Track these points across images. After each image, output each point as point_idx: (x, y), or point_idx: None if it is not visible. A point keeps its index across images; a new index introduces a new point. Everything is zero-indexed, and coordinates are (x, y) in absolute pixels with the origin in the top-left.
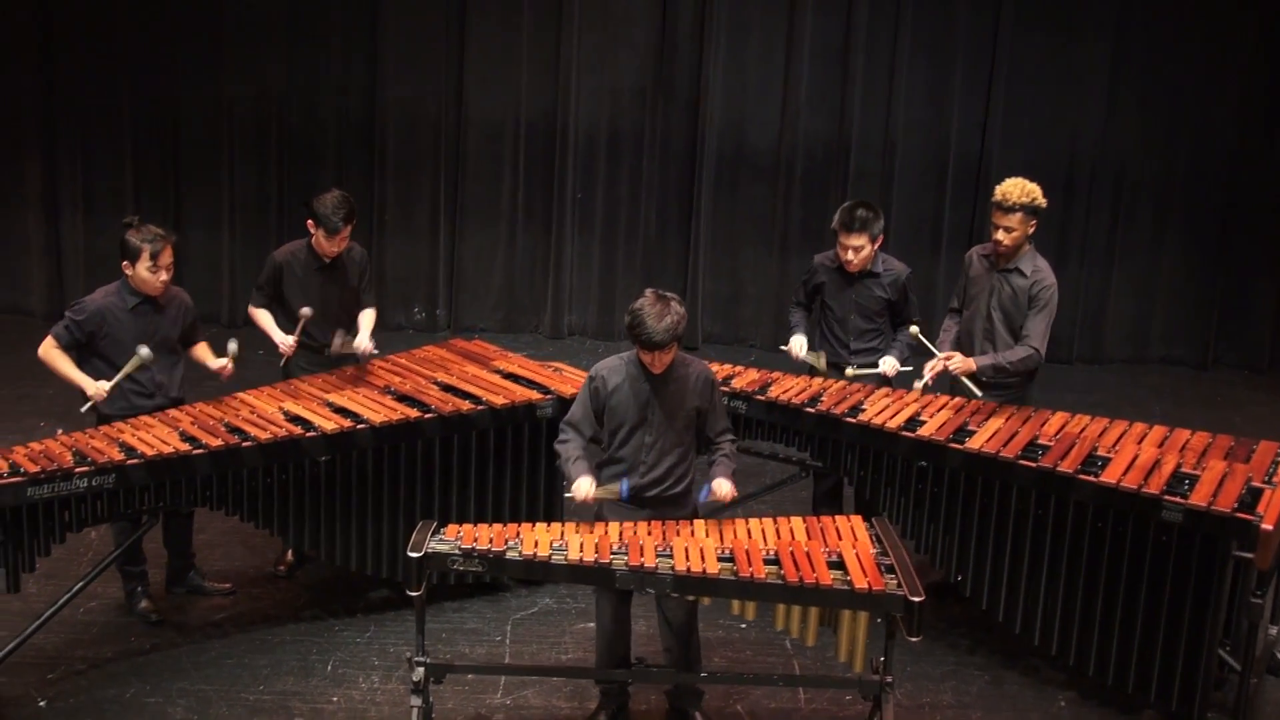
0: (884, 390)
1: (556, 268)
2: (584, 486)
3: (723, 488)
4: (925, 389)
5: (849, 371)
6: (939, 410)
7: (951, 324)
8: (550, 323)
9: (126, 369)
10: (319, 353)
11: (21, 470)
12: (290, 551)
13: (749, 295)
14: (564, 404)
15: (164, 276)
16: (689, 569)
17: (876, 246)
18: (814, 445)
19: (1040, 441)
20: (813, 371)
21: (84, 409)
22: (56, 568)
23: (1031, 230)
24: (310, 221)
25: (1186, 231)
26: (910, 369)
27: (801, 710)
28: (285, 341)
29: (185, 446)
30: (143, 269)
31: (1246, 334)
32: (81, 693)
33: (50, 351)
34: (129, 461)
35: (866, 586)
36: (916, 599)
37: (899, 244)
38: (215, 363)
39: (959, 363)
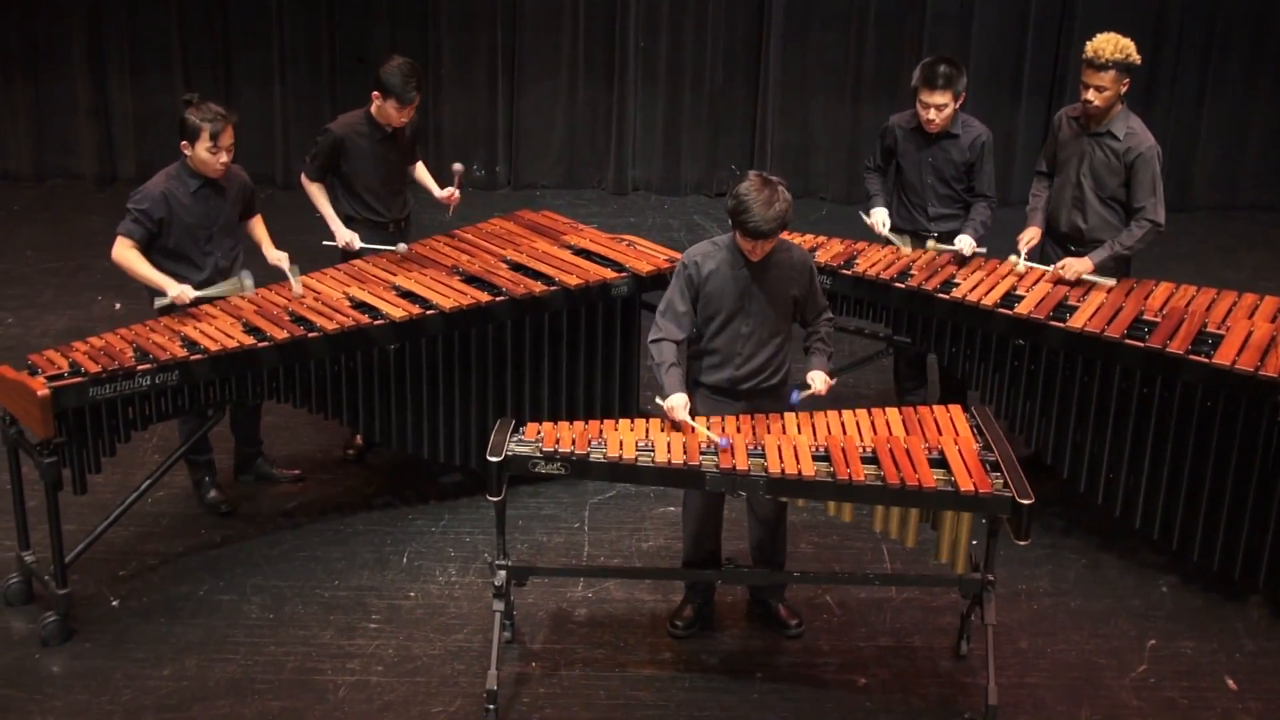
0: (977, 262)
1: (619, 121)
2: (678, 408)
3: (817, 380)
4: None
5: (928, 246)
6: (1035, 284)
7: (1041, 189)
8: (614, 178)
9: (221, 290)
10: (383, 228)
11: (82, 370)
12: (359, 435)
13: (820, 146)
14: (639, 281)
15: (224, 158)
16: (783, 470)
17: (958, 105)
18: (903, 321)
19: (1146, 318)
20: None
21: (157, 306)
22: (122, 456)
23: (1124, 89)
24: (376, 92)
25: None
26: (985, 250)
27: (893, 600)
28: (347, 238)
29: (250, 339)
30: (202, 150)
31: None
32: (154, 590)
33: (126, 253)
34: (192, 357)
35: (972, 488)
36: (1026, 501)
37: (977, 92)
38: (271, 255)
39: (1075, 269)
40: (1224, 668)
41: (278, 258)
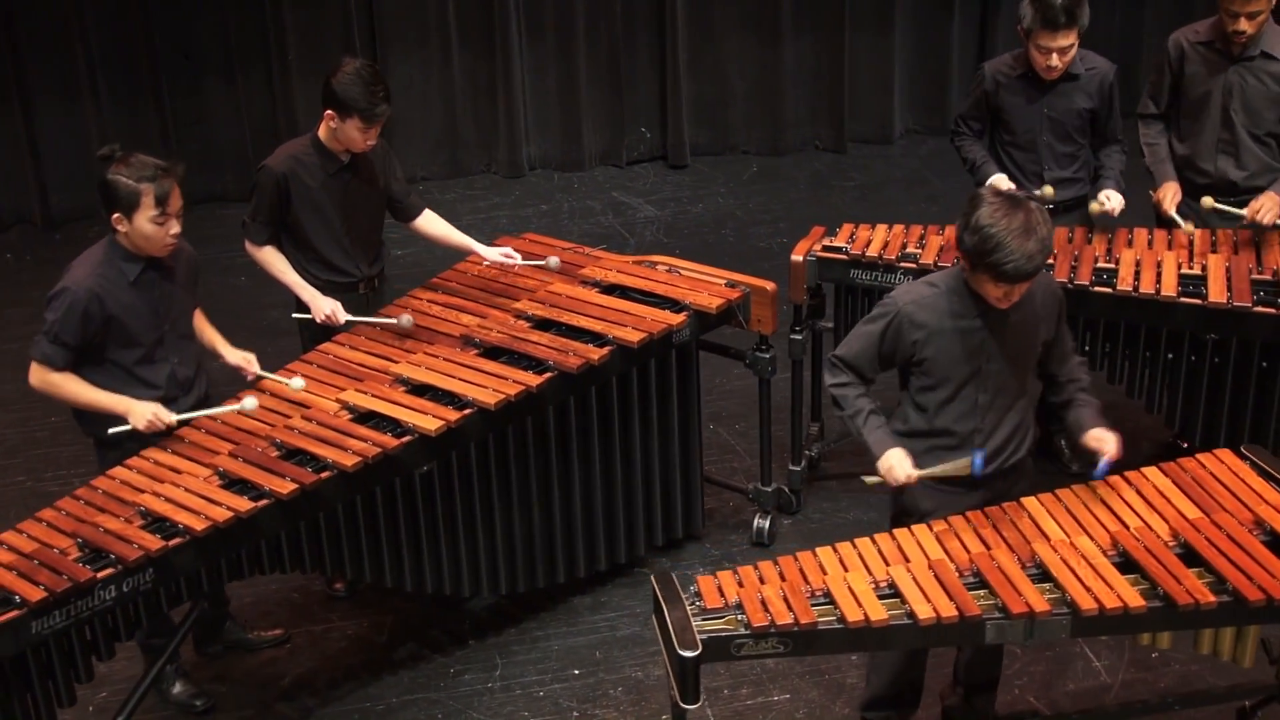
0: (1103, 235)
1: (506, 90)
2: (900, 465)
3: (1110, 443)
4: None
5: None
6: (1205, 255)
7: (1157, 135)
8: (506, 159)
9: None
10: (351, 289)
11: (18, 598)
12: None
13: (737, 94)
14: (702, 320)
15: (176, 229)
16: (1100, 605)
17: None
18: None
19: None
20: None
21: (112, 433)
22: None
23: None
24: (330, 110)
25: None
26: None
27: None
28: (328, 310)
29: (243, 502)
30: (145, 222)
31: None
32: None
33: (56, 382)
34: (170, 543)
35: None
36: None
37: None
38: (233, 355)
39: (1273, 210)
40: None
41: (242, 359)
